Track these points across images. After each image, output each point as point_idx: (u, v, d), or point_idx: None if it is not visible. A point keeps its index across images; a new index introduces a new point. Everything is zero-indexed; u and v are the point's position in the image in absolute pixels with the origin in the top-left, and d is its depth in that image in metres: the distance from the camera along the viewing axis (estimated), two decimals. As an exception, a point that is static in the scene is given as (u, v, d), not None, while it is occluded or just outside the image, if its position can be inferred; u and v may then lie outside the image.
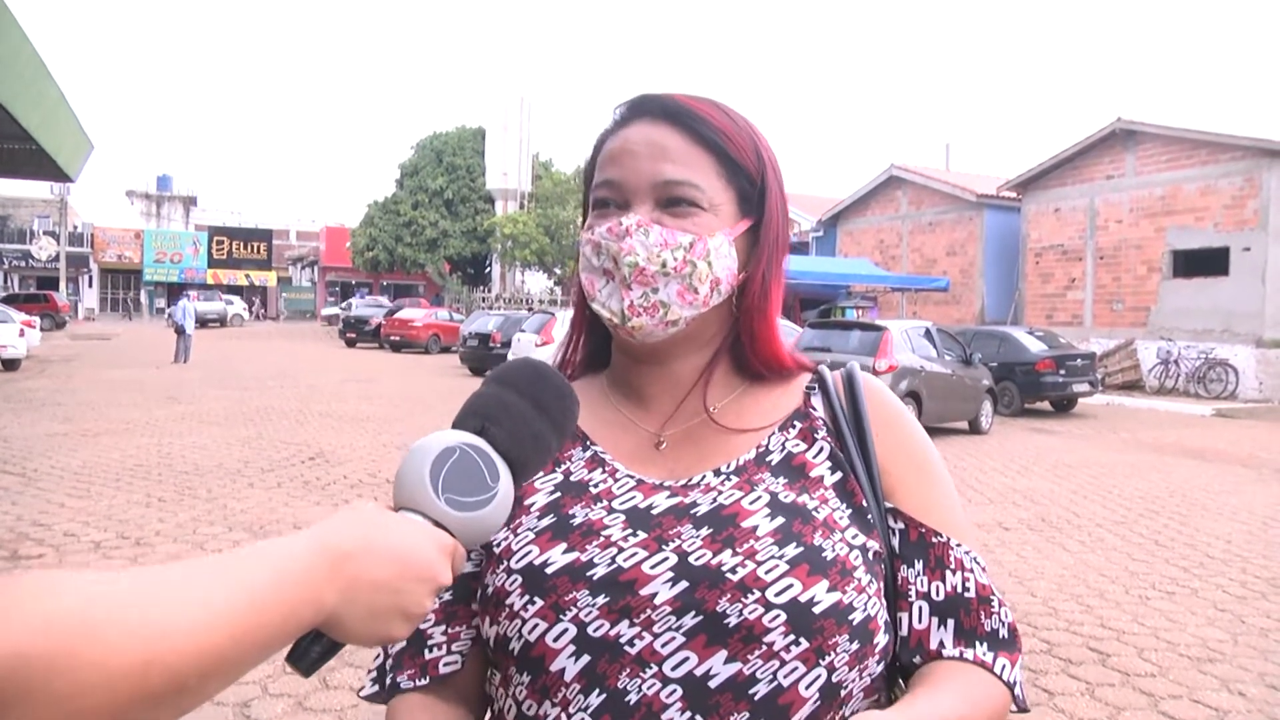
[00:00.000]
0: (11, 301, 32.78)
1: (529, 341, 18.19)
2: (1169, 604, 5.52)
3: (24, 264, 55.47)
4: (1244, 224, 20.45)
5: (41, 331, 28.39)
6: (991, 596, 0.88)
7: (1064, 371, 16.69)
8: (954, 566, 0.88)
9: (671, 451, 0.95)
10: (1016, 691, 0.86)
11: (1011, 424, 15.27)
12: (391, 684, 0.91)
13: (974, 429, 13.86)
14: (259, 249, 60.37)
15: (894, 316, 24.41)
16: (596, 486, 0.92)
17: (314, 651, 0.66)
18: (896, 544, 0.89)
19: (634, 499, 0.90)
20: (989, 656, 0.86)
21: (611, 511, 0.89)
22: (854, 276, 26.33)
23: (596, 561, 0.85)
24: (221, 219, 63.85)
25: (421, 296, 47.79)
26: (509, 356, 19.43)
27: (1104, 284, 23.37)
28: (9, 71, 16.06)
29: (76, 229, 57.98)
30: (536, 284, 41.70)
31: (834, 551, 0.83)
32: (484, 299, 36.60)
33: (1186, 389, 20.76)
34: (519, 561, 0.87)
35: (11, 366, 20.88)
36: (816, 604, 0.79)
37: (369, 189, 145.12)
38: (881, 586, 0.86)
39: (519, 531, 0.89)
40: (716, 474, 0.91)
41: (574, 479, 0.94)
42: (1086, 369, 17.26)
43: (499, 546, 0.89)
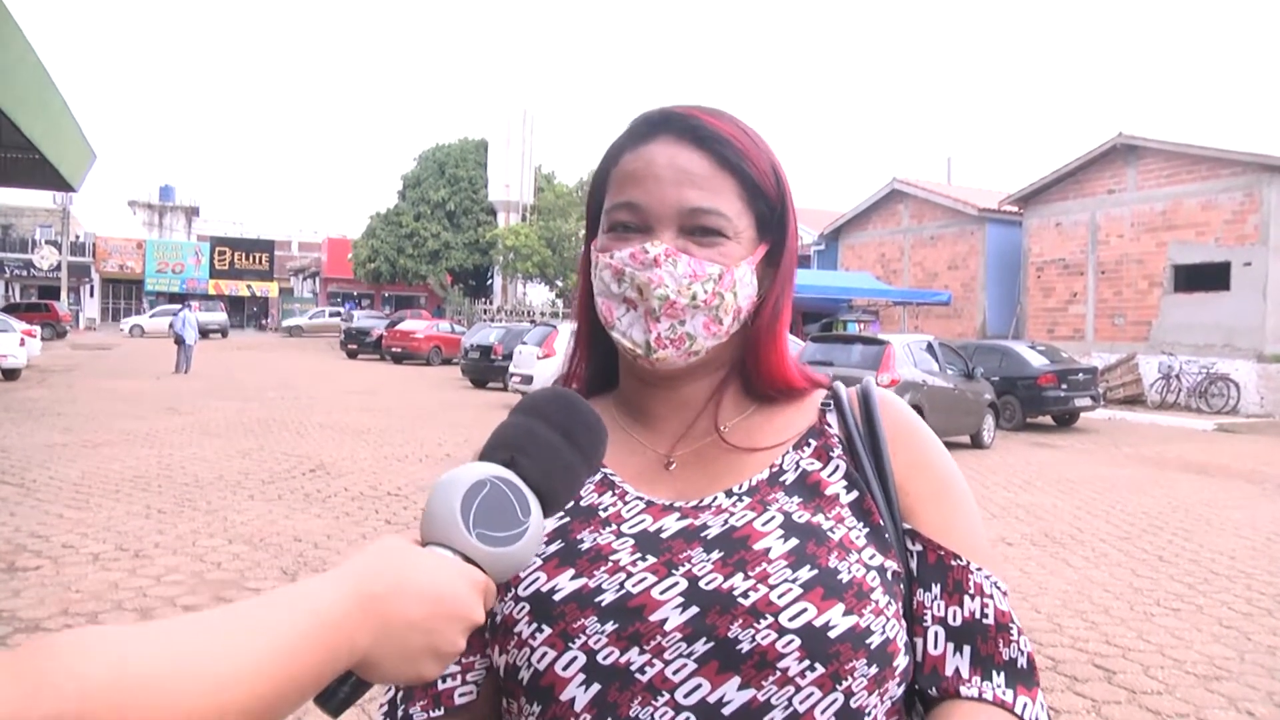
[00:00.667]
0: (12, 311, 32.79)
1: (530, 354, 18.15)
2: (1174, 620, 5.48)
3: (26, 273, 55.57)
4: (1245, 239, 20.47)
5: (42, 341, 28.40)
6: (1011, 624, 0.85)
7: (1066, 386, 16.68)
8: (973, 591, 0.85)
9: (681, 472, 0.93)
10: None
11: (1013, 438, 15.24)
12: (404, 716, 0.89)
13: (976, 443, 13.83)
14: (261, 260, 60.51)
15: (896, 330, 24.44)
16: (605, 510, 0.90)
17: (342, 692, 0.64)
18: (914, 566, 0.87)
19: (643, 522, 0.88)
20: (1008, 695, 0.83)
21: (620, 535, 0.87)
22: (856, 290, 26.35)
23: (605, 587, 0.83)
24: (224, 229, 64.06)
25: (423, 308, 47.85)
26: (510, 369, 19.57)
27: (1105, 298, 23.38)
28: (12, 81, 16.11)
29: (78, 238, 58.11)
30: (538, 296, 41.69)
31: (850, 573, 0.81)
32: (485, 311, 36.63)
33: (1188, 404, 20.74)
34: (526, 589, 0.85)
35: (12, 376, 20.86)
36: (832, 628, 0.77)
37: (371, 200, 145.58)
38: (900, 607, 0.84)
39: (531, 562, 0.87)
40: (728, 495, 0.89)
41: (583, 503, 0.91)
42: (1088, 383, 17.25)
43: (512, 578, 0.87)
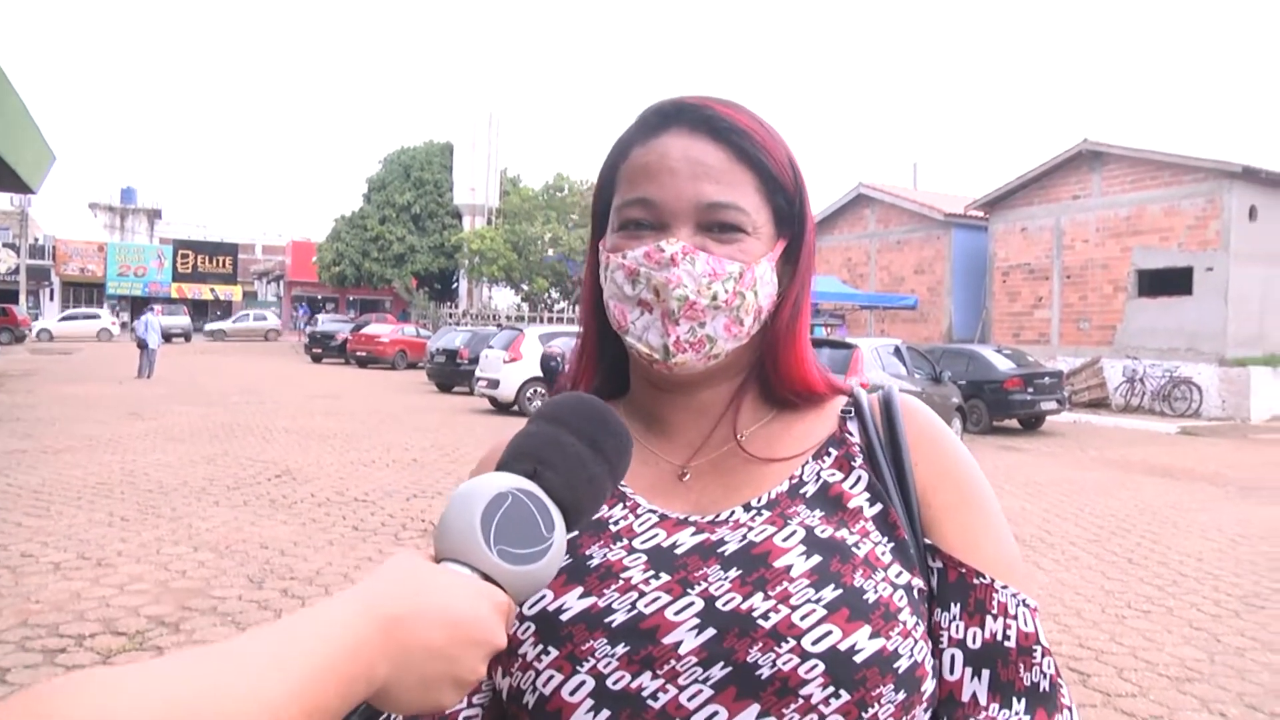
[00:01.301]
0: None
1: (497, 358, 18.03)
2: (1145, 623, 5.52)
3: (-17, 276, 54.50)
4: (1207, 244, 20.80)
5: (0, 345, 27.80)
6: (1034, 646, 0.79)
7: (1032, 389, 16.84)
8: (996, 611, 0.79)
9: (696, 483, 0.88)
10: None
11: (981, 441, 15.35)
12: None
13: (945, 446, 13.90)
14: (224, 263, 59.77)
15: (863, 334, 24.56)
16: (616, 524, 0.85)
17: None
18: (935, 584, 0.82)
19: (656, 537, 0.83)
20: None
21: (632, 551, 0.82)
22: (822, 294, 26.41)
23: (615, 607, 0.78)
24: (187, 232, 63.20)
25: (388, 312, 47.50)
26: (476, 373, 19.40)
27: (1070, 303, 23.66)
28: (-30, 81, 15.82)
29: (37, 241, 57.06)
30: (504, 300, 41.48)
31: (876, 593, 0.76)
32: (451, 315, 36.38)
33: (1152, 407, 21.04)
34: (531, 607, 0.80)
35: (-32, 381, 20.46)
36: (858, 652, 0.73)
37: (336, 204, 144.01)
38: (926, 627, 0.79)
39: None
40: (746, 509, 0.84)
41: (595, 516, 0.86)
42: (1054, 387, 17.43)
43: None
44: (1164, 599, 6.04)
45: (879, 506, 0.83)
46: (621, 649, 0.76)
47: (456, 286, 44.14)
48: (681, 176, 0.83)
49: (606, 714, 0.75)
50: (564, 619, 0.78)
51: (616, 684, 0.75)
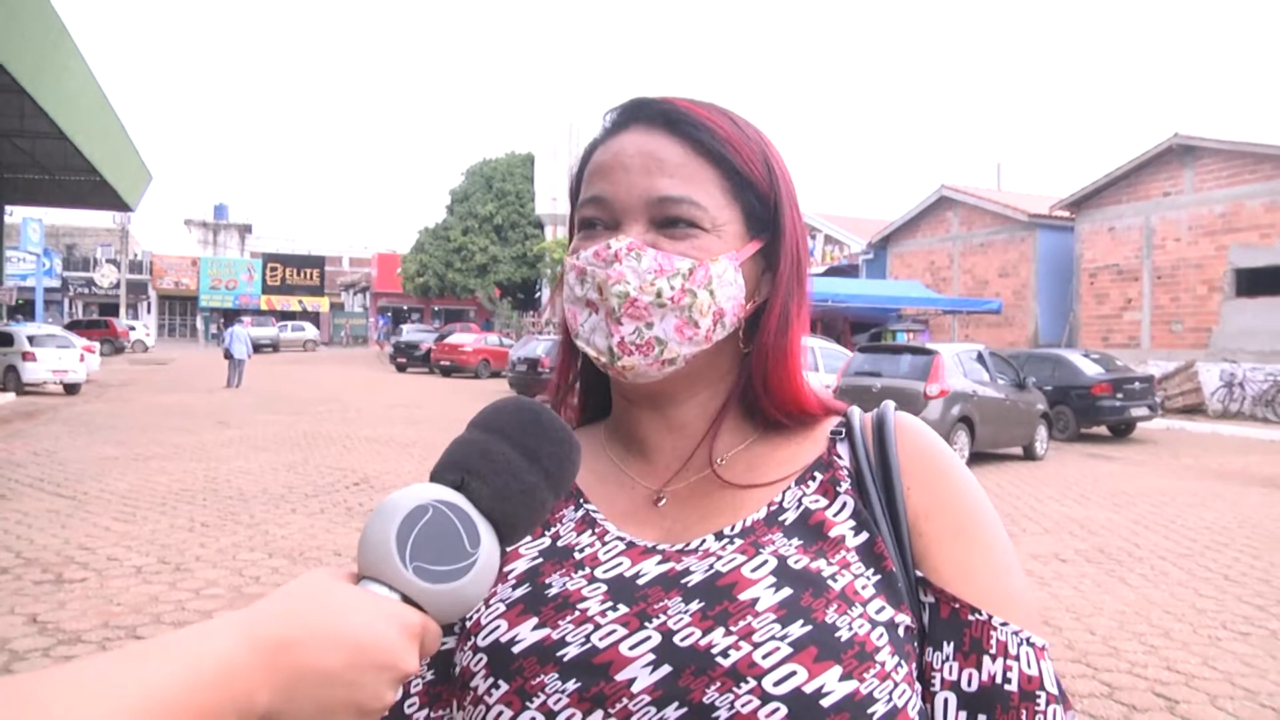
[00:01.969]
0: (73, 328, 33.67)
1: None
2: (1243, 646, 5.21)
3: (88, 291, 57.18)
4: (1311, 242, 19.82)
5: (101, 356, 29.06)
6: (1038, 692, 0.71)
7: (1121, 395, 16.24)
8: (994, 651, 0.72)
9: (671, 510, 0.82)
10: None
11: (1067, 450, 14.86)
12: None
13: (1028, 455, 13.50)
14: (312, 275, 61.47)
15: (945, 340, 24.07)
16: (581, 551, 0.79)
17: None
18: (926, 621, 0.74)
19: (620, 566, 0.77)
20: None
21: (593, 581, 0.76)
22: (904, 299, 25.99)
23: (569, 640, 0.72)
24: (276, 246, 65.18)
25: (472, 321, 48.20)
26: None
27: (1162, 304, 22.77)
28: (75, 109, 16.54)
29: (137, 257, 59.62)
30: (586, 309, 41.70)
31: (851, 630, 0.69)
32: (534, 324, 36.73)
33: (1253, 413, 20.08)
34: (485, 638, 0.75)
35: (72, 391, 21.42)
36: (825, 695, 0.65)
37: (420, 215, 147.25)
38: (913, 669, 0.72)
39: (491, 603, 0.77)
40: (718, 537, 0.77)
41: (560, 542, 0.81)
42: (1145, 392, 16.78)
43: (469, 620, 0.77)
44: (1265, 620, 5.70)
45: (864, 536, 0.75)
46: (573, 685, 0.70)
47: (539, 296, 44.63)
48: (634, 172, 0.79)
49: None
50: (516, 651, 0.73)
51: None
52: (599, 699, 0.69)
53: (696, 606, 0.71)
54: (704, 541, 0.77)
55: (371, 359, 43.23)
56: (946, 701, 0.72)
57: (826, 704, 0.65)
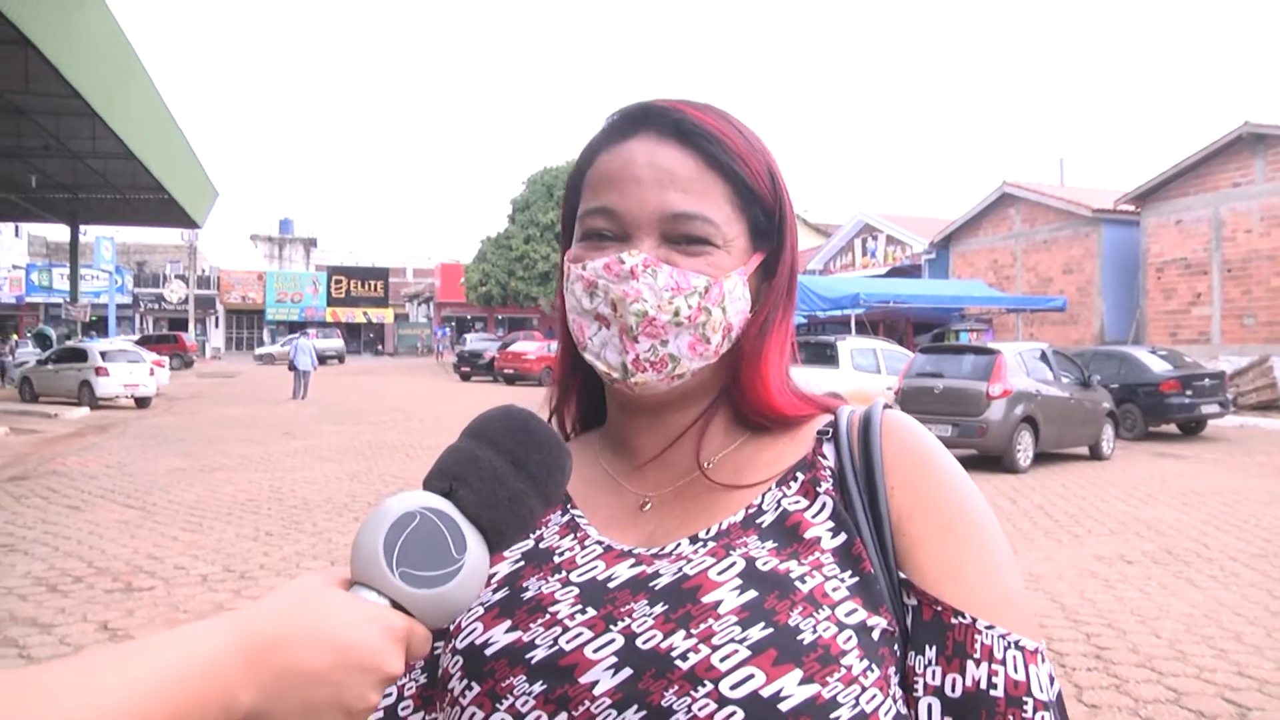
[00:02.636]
0: (144, 343, 34.67)
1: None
2: (1315, 647, 5.05)
3: (158, 306, 58.87)
4: (1391, 230, 19.09)
5: (170, 370, 29.88)
6: (1025, 698, 0.68)
7: (1191, 392, 15.79)
8: (979, 655, 0.69)
9: (655, 514, 0.82)
10: None
11: (1134, 449, 14.48)
12: None
13: (1094, 455, 13.19)
14: (376, 287, 62.55)
15: (1009, 339, 23.64)
16: (560, 555, 0.80)
17: None
18: (910, 624, 0.72)
19: (594, 569, 0.78)
20: None
21: (567, 584, 0.77)
22: (967, 299, 25.58)
23: (538, 643, 0.73)
24: (340, 259, 66.49)
25: (535, 330, 48.58)
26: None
27: (1233, 298, 22.10)
28: (143, 129, 17.07)
29: (204, 272, 61.21)
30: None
31: (815, 633, 0.68)
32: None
33: (1331, 409, 19.40)
34: (462, 641, 0.76)
35: (143, 404, 22.08)
36: (784, 699, 0.65)
37: (482, 225, 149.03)
38: (891, 674, 0.71)
39: (471, 606, 0.79)
40: (693, 540, 0.77)
41: (542, 545, 0.82)
42: (1216, 389, 16.30)
43: (452, 624, 0.79)
44: (1339, 620, 5.52)
45: (842, 537, 0.74)
46: (539, 687, 0.71)
47: (602, 302, 44.80)
48: (646, 185, 0.78)
49: None
50: (488, 654, 0.74)
51: None
52: (563, 701, 0.70)
53: (660, 609, 0.71)
54: (679, 545, 0.77)
55: (436, 369, 43.80)
56: (930, 707, 0.70)
57: (785, 708, 0.64)
